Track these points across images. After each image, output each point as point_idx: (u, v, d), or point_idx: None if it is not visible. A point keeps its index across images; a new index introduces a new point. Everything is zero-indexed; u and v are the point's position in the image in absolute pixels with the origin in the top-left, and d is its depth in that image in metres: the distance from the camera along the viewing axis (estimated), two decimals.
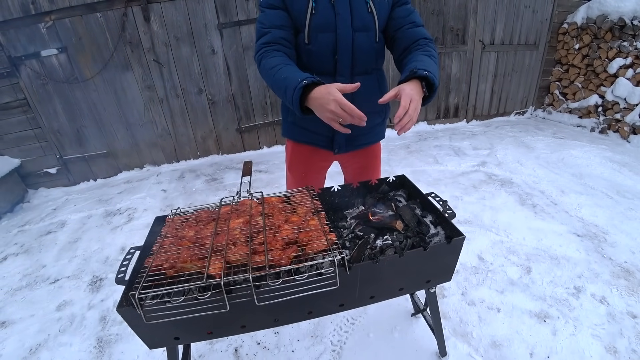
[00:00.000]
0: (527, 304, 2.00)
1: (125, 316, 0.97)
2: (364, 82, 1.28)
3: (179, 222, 1.19)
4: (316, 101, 1.08)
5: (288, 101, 1.13)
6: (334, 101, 1.04)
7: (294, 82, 1.10)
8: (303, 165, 1.65)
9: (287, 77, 1.13)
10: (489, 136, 4.75)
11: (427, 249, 1.06)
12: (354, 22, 1.29)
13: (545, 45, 5.19)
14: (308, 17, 1.26)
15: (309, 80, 1.09)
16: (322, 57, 1.33)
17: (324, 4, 1.26)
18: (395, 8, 1.36)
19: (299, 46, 1.34)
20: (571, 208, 2.92)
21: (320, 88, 1.08)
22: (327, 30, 1.28)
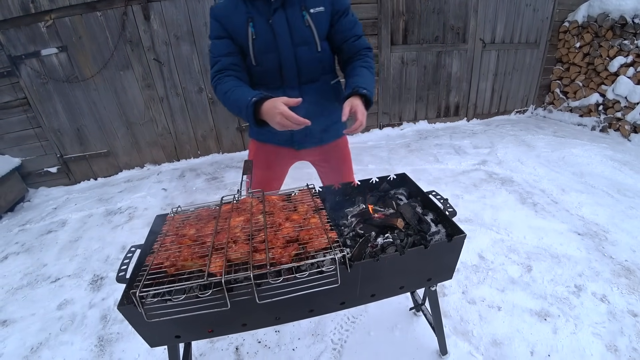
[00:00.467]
0: (527, 303, 2.00)
1: (126, 314, 0.97)
2: (313, 89, 1.49)
3: (179, 221, 1.19)
4: (266, 115, 1.22)
5: (244, 118, 1.28)
6: (279, 114, 1.17)
7: (245, 101, 1.24)
8: (265, 163, 1.75)
9: (239, 98, 1.27)
10: (490, 135, 4.74)
11: (428, 247, 1.06)
12: (294, 38, 1.37)
13: (546, 44, 5.18)
14: (250, 43, 1.36)
15: (257, 97, 1.23)
16: (270, 75, 1.44)
17: (262, 27, 1.34)
18: (340, 19, 1.44)
19: (249, 67, 1.44)
20: (572, 207, 2.92)
21: (267, 103, 1.21)
22: (269, 51, 1.38)
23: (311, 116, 1.38)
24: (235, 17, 1.35)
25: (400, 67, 4.70)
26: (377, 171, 3.76)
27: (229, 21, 1.36)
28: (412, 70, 4.76)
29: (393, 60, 4.61)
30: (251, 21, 1.34)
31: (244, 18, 1.34)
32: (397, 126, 5.07)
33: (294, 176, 3.70)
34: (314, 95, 1.48)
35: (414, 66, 4.74)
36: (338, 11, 1.42)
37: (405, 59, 4.66)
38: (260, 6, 1.33)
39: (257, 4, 1.33)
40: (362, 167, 3.90)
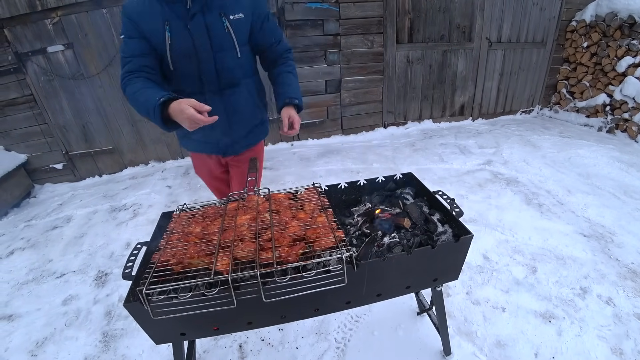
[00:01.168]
0: (532, 304, 1.98)
1: (132, 311, 0.98)
2: (234, 94, 1.49)
3: (185, 218, 1.19)
4: (175, 117, 1.18)
5: (152, 120, 1.21)
6: (187, 119, 1.14)
7: (153, 102, 1.18)
8: (205, 171, 1.78)
9: (147, 99, 1.21)
10: (495, 135, 4.71)
11: (435, 247, 1.05)
12: (213, 44, 1.34)
13: (553, 43, 5.14)
14: (167, 47, 1.31)
15: (165, 97, 1.18)
16: (189, 80, 1.40)
17: (179, 31, 1.29)
18: (262, 26, 1.45)
19: (166, 71, 1.39)
20: (578, 208, 2.89)
21: (174, 105, 1.17)
22: (188, 57, 1.34)
23: (235, 121, 1.48)
24: (150, 18, 1.29)
25: (406, 66, 4.67)
26: (381, 170, 3.75)
27: (144, 21, 1.30)
28: (418, 69, 4.74)
29: (398, 59, 4.59)
30: (168, 25, 1.28)
31: (160, 20, 1.28)
32: (401, 125, 5.05)
33: (298, 174, 3.71)
34: (236, 100, 1.49)
35: (419, 65, 4.72)
36: (259, 18, 1.42)
37: (410, 58, 4.64)
38: (177, 9, 1.28)
39: (174, 7, 1.28)
40: (366, 165, 3.89)
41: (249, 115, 1.59)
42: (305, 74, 4.31)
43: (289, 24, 4.01)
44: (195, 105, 1.14)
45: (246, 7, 1.37)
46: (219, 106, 1.43)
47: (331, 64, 4.34)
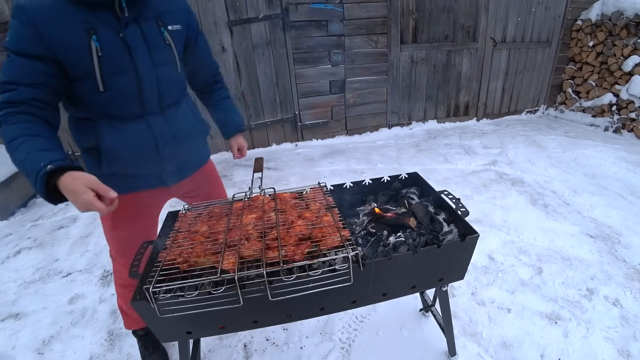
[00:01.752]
0: (538, 305, 1.97)
1: (139, 309, 0.98)
2: (177, 114, 1.30)
3: (191, 217, 1.20)
4: (66, 193, 0.92)
5: (32, 186, 0.94)
6: (82, 205, 0.91)
7: (35, 168, 0.90)
8: (131, 217, 1.38)
9: (28, 160, 0.92)
10: (500, 135, 4.69)
11: (440, 247, 1.05)
12: (154, 56, 1.14)
13: (558, 43, 5.11)
14: (96, 62, 1.03)
15: (55, 165, 0.91)
16: (124, 101, 1.14)
17: (110, 41, 1.05)
18: (197, 39, 1.33)
19: (90, 94, 1.09)
20: (584, 208, 2.87)
21: (66, 181, 0.90)
22: (124, 72, 1.09)
23: (180, 143, 1.30)
24: (66, 26, 0.99)
25: (410, 66, 4.67)
26: (385, 170, 3.74)
27: (55, 30, 0.98)
28: (422, 69, 4.73)
29: (402, 59, 4.58)
30: (93, 34, 1.02)
31: (81, 29, 1.00)
32: (406, 125, 5.05)
33: (302, 174, 3.72)
34: (181, 119, 1.31)
35: (424, 65, 4.71)
36: (193, 32, 1.29)
37: (414, 58, 4.63)
38: (104, 16, 1.03)
39: (100, 14, 1.03)
40: (371, 166, 3.89)
41: (196, 133, 1.41)
42: (310, 74, 4.32)
43: (293, 25, 4.02)
44: (97, 189, 0.91)
45: (182, 19, 1.23)
46: (163, 128, 1.22)
47: (335, 65, 4.35)
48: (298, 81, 4.32)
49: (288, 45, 4.11)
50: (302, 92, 4.39)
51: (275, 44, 4.08)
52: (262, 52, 4.08)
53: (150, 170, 1.28)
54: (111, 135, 1.16)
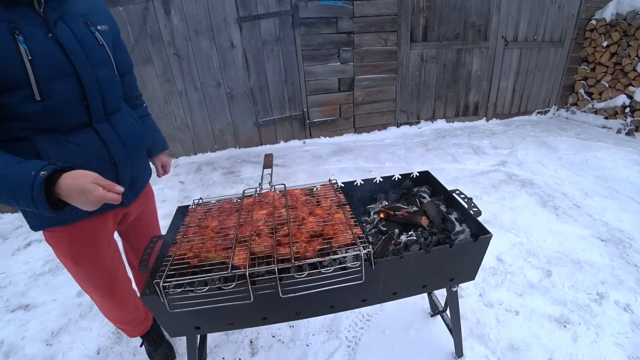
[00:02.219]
0: (546, 308, 1.95)
1: (148, 304, 0.98)
2: (122, 119, 1.20)
3: (201, 212, 1.19)
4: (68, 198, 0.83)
5: (23, 204, 0.81)
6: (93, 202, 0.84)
7: (24, 180, 0.80)
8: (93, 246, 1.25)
9: (6, 176, 0.82)
10: (510, 135, 4.64)
11: (453, 246, 1.04)
12: (90, 57, 1.03)
13: (571, 43, 5.03)
14: (28, 65, 0.90)
15: (49, 170, 0.81)
16: (68, 110, 1.01)
17: (40, 42, 0.93)
18: (120, 43, 1.24)
19: (24, 106, 0.94)
20: (595, 211, 2.83)
21: (67, 182, 0.82)
22: (63, 76, 0.98)
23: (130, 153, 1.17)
24: None
25: (420, 65, 4.63)
26: (394, 169, 3.73)
27: None
28: (432, 68, 4.69)
29: (412, 57, 4.55)
30: (18, 33, 0.89)
31: (3, 28, 0.88)
32: (414, 124, 5.01)
33: (310, 172, 3.71)
34: (126, 126, 1.20)
35: (434, 64, 4.67)
36: (116, 34, 1.20)
37: (424, 57, 4.59)
38: (24, 14, 0.91)
39: (20, 11, 0.91)
40: (379, 164, 3.87)
41: (141, 141, 1.30)
42: (319, 72, 4.30)
43: (302, 22, 4.00)
44: (103, 184, 0.85)
45: (107, 20, 1.15)
46: (112, 137, 1.11)
47: (344, 62, 4.32)
48: (307, 78, 4.30)
49: (297, 42, 4.10)
50: (311, 90, 4.38)
51: (284, 40, 4.07)
52: (271, 48, 4.08)
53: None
54: (57, 152, 1.01)
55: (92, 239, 1.22)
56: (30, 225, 1.14)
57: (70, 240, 1.18)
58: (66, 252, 1.20)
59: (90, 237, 1.21)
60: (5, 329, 2.01)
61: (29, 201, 0.80)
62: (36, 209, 0.81)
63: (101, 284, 1.33)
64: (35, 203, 0.80)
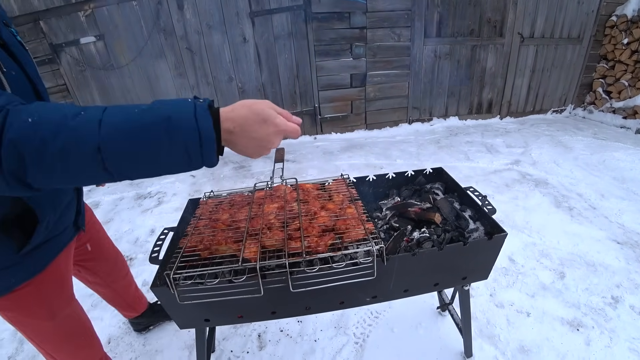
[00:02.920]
0: (559, 311, 1.91)
1: (159, 295, 0.99)
2: None
3: (212, 205, 1.19)
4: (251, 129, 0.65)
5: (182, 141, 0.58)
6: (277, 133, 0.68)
7: (182, 106, 0.60)
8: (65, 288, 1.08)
9: (151, 108, 0.59)
10: (524, 134, 4.56)
11: (466, 244, 1.02)
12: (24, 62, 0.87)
13: (590, 40, 4.89)
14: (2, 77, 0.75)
15: (205, 100, 0.64)
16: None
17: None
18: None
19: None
20: (611, 213, 2.76)
21: (244, 112, 0.65)
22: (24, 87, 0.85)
23: None
24: None
25: (433, 61, 4.57)
26: (405, 166, 3.69)
27: None
28: (445, 64, 4.62)
29: (425, 53, 4.49)
30: None
31: None
32: (426, 121, 4.96)
33: (321, 167, 3.71)
34: None
35: (447, 60, 4.60)
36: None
37: (438, 53, 4.53)
38: None
39: None
40: (390, 161, 3.84)
41: None
42: (331, 67, 4.28)
43: (315, 17, 3.98)
44: (281, 112, 0.71)
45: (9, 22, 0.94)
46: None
47: (357, 58, 4.29)
48: (319, 74, 4.29)
49: (309, 37, 4.08)
50: (323, 85, 4.36)
51: (296, 35, 4.06)
52: (284, 43, 4.07)
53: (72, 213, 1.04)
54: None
55: (62, 281, 1.05)
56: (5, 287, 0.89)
57: (40, 292, 0.97)
58: (38, 309, 0.99)
59: (60, 279, 1.04)
60: None
61: (193, 135, 0.58)
62: (200, 150, 0.60)
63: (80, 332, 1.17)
64: (201, 138, 0.59)
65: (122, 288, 1.65)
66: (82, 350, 1.20)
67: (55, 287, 1.02)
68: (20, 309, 0.96)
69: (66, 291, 1.08)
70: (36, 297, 0.96)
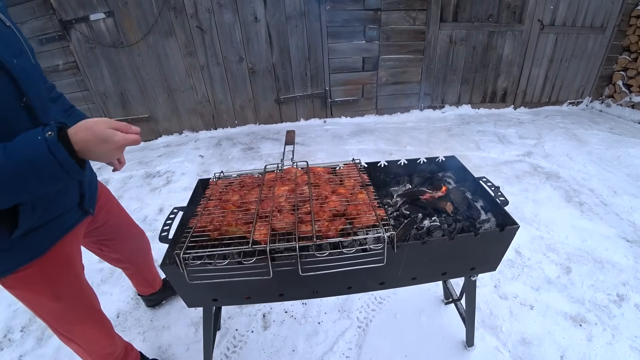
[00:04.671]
0: (563, 305, 1.91)
1: (168, 274, 1.00)
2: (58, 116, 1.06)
3: (222, 186, 1.19)
4: (88, 152, 0.73)
5: (48, 175, 0.70)
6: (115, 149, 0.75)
7: (34, 145, 0.69)
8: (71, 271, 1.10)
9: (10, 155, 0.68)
10: (538, 125, 4.46)
11: (477, 235, 1.00)
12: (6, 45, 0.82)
13: (614, 29, 4.70)
14: None
15: (54, 127, 0.71)
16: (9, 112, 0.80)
17: None
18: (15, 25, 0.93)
19: None
20: (623, 210, 2.71)
21: (80, 134, 0.72)
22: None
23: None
24: None
25: (448, 47, 4.45)
26: (415, 153, 3.66)
27: None
28: (460, 50, 4.49)
29: (441, 38, 4.36)
30: None
31: None
32: (438, 109, 4.87)
33: (330, 151, 3.69)
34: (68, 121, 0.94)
35: (463, 46, 4.47)
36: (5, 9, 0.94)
37: (453, 38, 4.40)
38: None
39: None
40: (399, 147, 3.81)
41: None
42: (343, 49, 4.19)
43: None
44: (119, 127, 0.76)
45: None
46: None
47: (370, 41, 4.19)
48: (330, 56, 4.21)
49: (322, 18, 3.98)
50: (334, 68, 4.29)
51: (309, 15, 3.96)
52: (296, 24, 3.98)
53: (73, 197, 1.05)
54: None
55: (68, 264, 1.07)
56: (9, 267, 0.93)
57: (45, 273, 1.00)
58: (43, 290, 1.02)
59: (65, 262, 1.06)
60: None
61: (55, 168, 0.70)
62: (66, 174, 0.72)
63: (88, 312, 1.18)
64: (63, 166, 0.70)
65: (144, 266, 1.71)
66: (91, 329, 1.22)
67: (60, 269, 1.04)
68: (26, 289, 1.00)
69: (73, 273, 1.10)
70: (41, 278, 1.00)
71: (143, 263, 1.69)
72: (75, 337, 1.20)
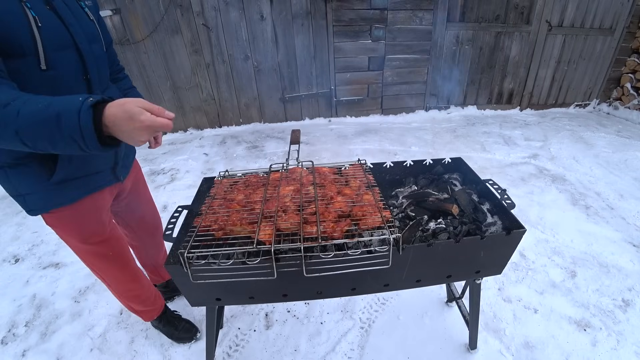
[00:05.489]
0: (567, 310, 1.89)
1: (172, 272, 1.00)
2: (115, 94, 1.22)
3: (227, 185, 1.19)
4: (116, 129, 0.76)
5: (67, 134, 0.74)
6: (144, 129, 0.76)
7: (72, 106, 0.73)
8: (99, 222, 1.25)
9: (52, 103, 0.75)
10: (544, 127, 4.43)
11: (484, 238, 1.00)
12: (85, 32, 1.03)
13: (623, 31, 4.65)
14: (37, 33, 0.88)
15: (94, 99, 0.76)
16: (70, 82, 1.00)
17: (43, 11, 0.92)
18: (100, 19, 1.19)
19: (30, 74, 0.91)
20: (629, 215, 2.69)
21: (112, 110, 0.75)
22: (66, 48, 0.97)
23: None
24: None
25: (454, 47, 4.42)
26: (419, 154, 3.65)
27: None
28: (467, 50, 4.47)
29: (447, 38, 4.34)
30: (26, 0, 0.88)
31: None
32: (443, 109, 4.85)
33: (334, 151, 3.68)
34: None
35: (469, 46, 4.44)
36: (97, 9, 1.18)
37: (460, 38, 4.37)
38: None
39: None
40: (404, 148, 3.79)
41: None
42: (349, 49, 4.18)
43: None
44: (150, 108, 0.78)
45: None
46: None
47: (376, 40, 4.17)
48: (336, 55, 4.20)
49: (328, 17, 3.97)
50: (340, 67, 4.28)
51: (315, 14, 3.95)
52: (302, 22, 3.97)
53: (104, 163, 1.19)
54: None
55: (96, 216, 1.23)
56: (29, 209, 1.11)
57: (75, 218, 1.18)
58: (72, 231, 1.21)
59: (94, 213, 1.22)
60: (38, 284, 2.13)
61: (75, 129, 0.73)
62: (82, 140, 0.74)
63: (114, 256, 1.35)
64: (82, 131, 0.73)
65: (153, 249, 1.76)
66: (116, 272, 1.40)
67: (88, 217, 1.21)
68: (60, 227, 1.19)
69: (100, 224, 1.25)
70: (72, 220, 1.18)
71: (152, 245, 1.75)
72: (103, 274, 1.41)
